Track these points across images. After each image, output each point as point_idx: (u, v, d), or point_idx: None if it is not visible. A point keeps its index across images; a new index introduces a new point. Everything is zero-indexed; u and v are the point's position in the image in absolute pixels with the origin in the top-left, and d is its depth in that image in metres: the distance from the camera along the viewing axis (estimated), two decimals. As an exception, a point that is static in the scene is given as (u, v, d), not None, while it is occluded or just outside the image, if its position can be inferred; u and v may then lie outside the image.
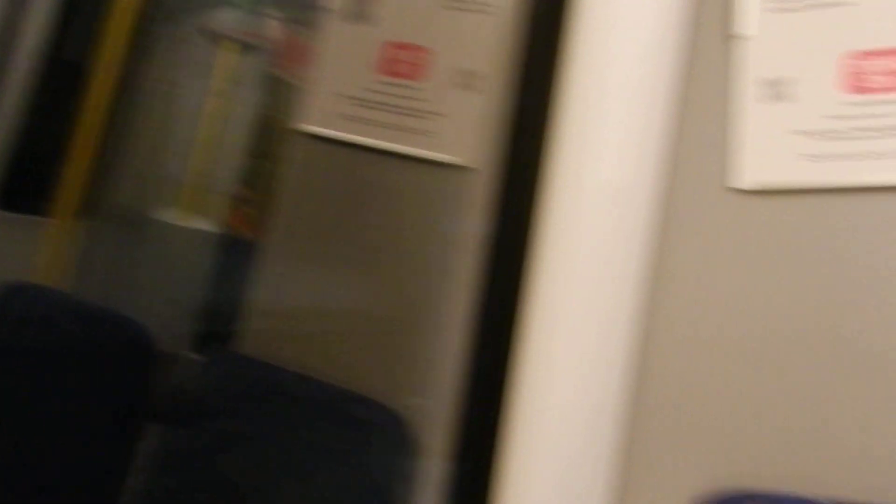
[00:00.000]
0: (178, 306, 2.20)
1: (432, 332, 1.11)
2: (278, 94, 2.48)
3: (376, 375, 1.17)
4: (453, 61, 1.20)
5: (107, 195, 2.24)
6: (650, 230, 1.10)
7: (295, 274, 1.33)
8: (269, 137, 2.47)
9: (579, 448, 0.98)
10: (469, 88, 1.14)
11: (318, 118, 1.38)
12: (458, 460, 1.01)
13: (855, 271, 1.03)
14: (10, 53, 2.08)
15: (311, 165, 1.39)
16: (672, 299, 1.12)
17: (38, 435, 1.37)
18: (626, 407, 1.11)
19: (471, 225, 1.05)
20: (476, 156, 1.08)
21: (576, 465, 0.98)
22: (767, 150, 1.06)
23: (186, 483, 1.22)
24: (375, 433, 1.14)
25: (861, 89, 1.01)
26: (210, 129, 2.41)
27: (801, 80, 1.04)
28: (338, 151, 1.35)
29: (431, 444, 1.07)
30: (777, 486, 1.04)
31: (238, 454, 1.19)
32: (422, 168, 1.22)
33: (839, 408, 1.04)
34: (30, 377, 1.42)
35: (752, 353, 1.08)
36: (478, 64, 1.13)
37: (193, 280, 2.29)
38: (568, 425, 0.94)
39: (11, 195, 2.11)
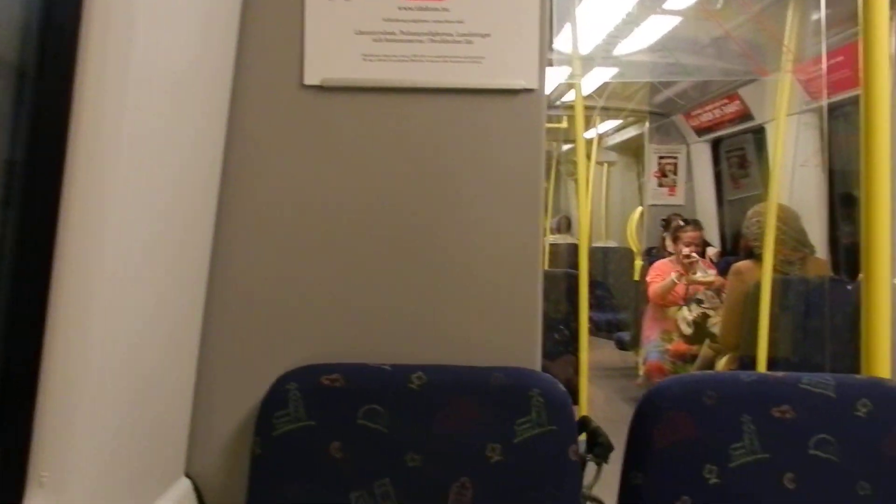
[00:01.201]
0: None
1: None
2: None
3: None
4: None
5: None
6: (219, 123, 1.09)
7: None
8: None
9: (154, 345, 0.96)
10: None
11: None
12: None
13: (402, 161, 1.15)
14: None
15: None
16: (243, 192, 1.13)
17: None
18: (202, 300, 1.12)
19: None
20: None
21: (151, 361, 0.96)
22: (333, 49, 1.11)
23: None
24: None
25: (410, -5, 1.10)
26: None
27: (363, -19, 1.10)
28: None
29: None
30: (348, 358, 1.14)
31: None
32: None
33: (397, 285, 1.17)
34: None
35: (319, 240, 1.16)
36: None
37: None
38: (137, 318, 0.91)
39: None
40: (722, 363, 3.16)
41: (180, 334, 1.06)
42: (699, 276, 3.79)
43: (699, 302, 3.68)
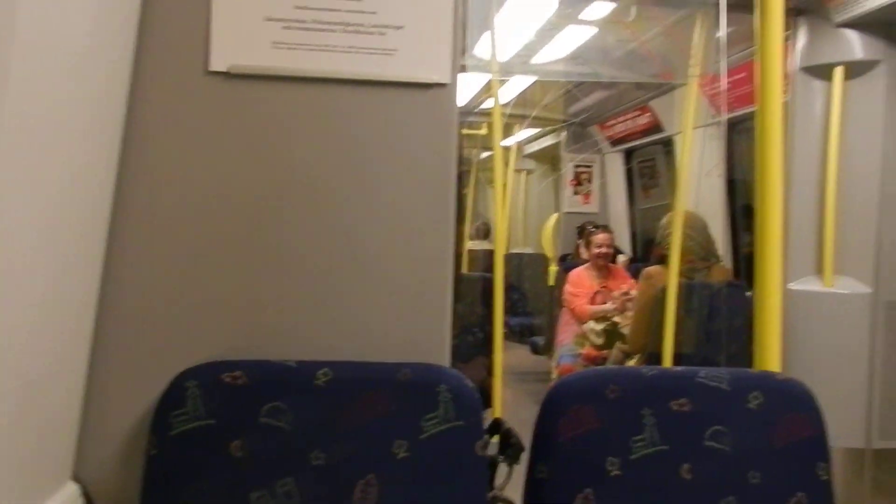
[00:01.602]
0: None
1: None
2: None
3: None
4: None
5: None
6: (117, 109, 1.03)
7: None
8: None
9: (41, 344, 0.90)
10: None
11: None
12: None
13: (311, 154, 1.13)
14: None
15: None
16: (141, 183, 1.08)
17: None
18: (95, 295, 1.06)
19: None
20: None
21: (37, 361, 0.90)
22: (241, 34, 1.08)
23: None
24: None
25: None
26: None
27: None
28: None
29: None
30: (252, 356, 1.10)
31: None
32: None
33: (303, 281, 1.14)
34: None
35: (222, 234, 1.11)
36: None
37: None
38: (20, 314, 0.84)
39: None
40: (632, 364, 3.26)
41: (71, 332, 1.00)
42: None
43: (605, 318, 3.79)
